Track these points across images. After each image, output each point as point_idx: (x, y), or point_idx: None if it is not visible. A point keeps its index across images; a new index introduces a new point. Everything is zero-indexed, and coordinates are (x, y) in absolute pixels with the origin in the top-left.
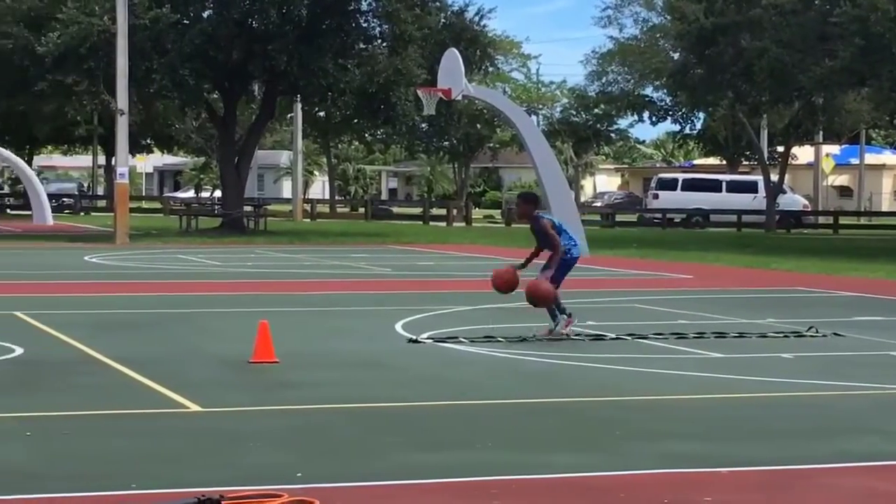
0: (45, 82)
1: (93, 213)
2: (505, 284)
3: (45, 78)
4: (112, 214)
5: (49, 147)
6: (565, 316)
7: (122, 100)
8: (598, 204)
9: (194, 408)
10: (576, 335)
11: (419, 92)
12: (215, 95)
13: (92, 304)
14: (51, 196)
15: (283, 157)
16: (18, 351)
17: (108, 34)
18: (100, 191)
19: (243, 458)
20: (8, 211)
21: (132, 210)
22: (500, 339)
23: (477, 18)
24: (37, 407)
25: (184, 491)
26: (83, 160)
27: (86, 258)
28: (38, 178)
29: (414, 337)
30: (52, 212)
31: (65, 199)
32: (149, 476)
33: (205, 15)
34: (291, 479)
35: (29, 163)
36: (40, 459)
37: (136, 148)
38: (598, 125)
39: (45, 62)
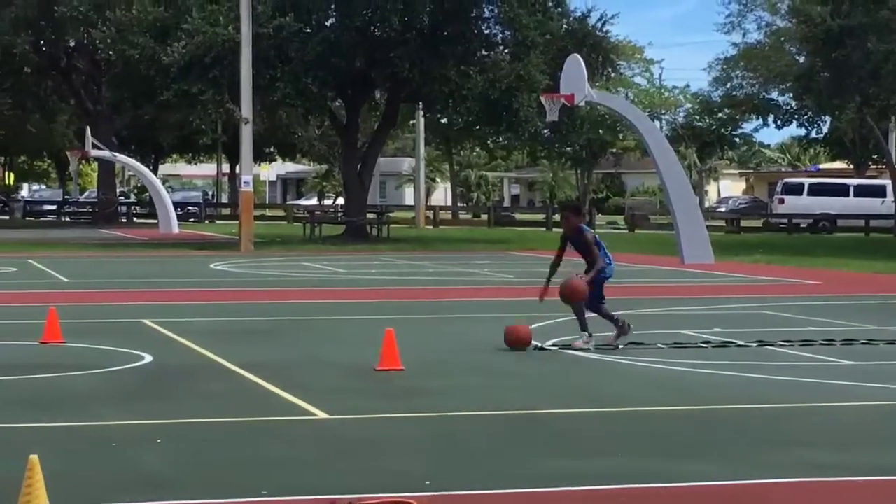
0: (171, 92)
1: (217, 222)
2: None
3: (171, 87)
4: (237, 222)
5: (174, 156)
6: (587, 334)
7: (246, 108)
8: (723, 209)
9: (322, 415)
10: (703, 342)
11: (542, 98)
12: (338, 103)
13: (218, 311)
14: (176, 204)
15: (406, 163)
16: (147, 358)
17: (232, 43)
18: (224, 199)
19: (371, 465)
20: (134, 219)
21: (256, 218)
22: (621, 346)
23: (599, 24)
24: (167, 414)
25: (314, 498)
26: (207, 168)
27: (212, 266)
28: (164, 187)
29: (539, 344)
30: (178, 220)
31: (190, 208)
32: (279, 483)
33: (327, 23)
34: (420, 487)
35: (154, 171)
36: (171, 466)
37: (259, 156)
38: (723, 129)
39: (170, 72)
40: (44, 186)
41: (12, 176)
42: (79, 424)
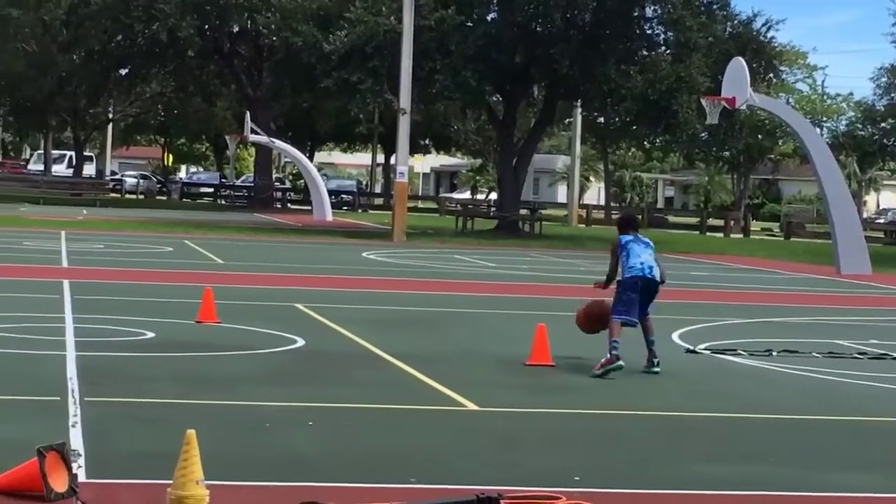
0: (331, 80)
1: (370, 211)
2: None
3: (331, 76)
4: (389, 213)
5: (330, 144)
6: (608, 354)
7: (404, 99)
8: (882, 221)
9: (471, 406)
10: (859, 353)
11: (703, 100)
12: (496, 98)
13: (370, 299)
14: (330, 192)
15: (560, 161)
16: (300, 342)
17: (393, 34)
18: (377, 189)
19: (520, 459)
20: (289, 205)
21: (409, 209)
22: (775, 353)
23: (764, 29)
24: (319, 398)
25: (462, 488)
26: (362, 158)
27: (363, 254)
28: (319, 175)
29: (691, 347)
30: (331, 208)
31: (343, 196)
32: (428, 471)
33: (489, 18)
34: (569, 483)
35: (310, 159)
36: (323, 449)
37: (414, 148)
38: (885, 140)
39: (331, 60)
40: (201, 169)
41: (171, 157)
42: (234, 403)
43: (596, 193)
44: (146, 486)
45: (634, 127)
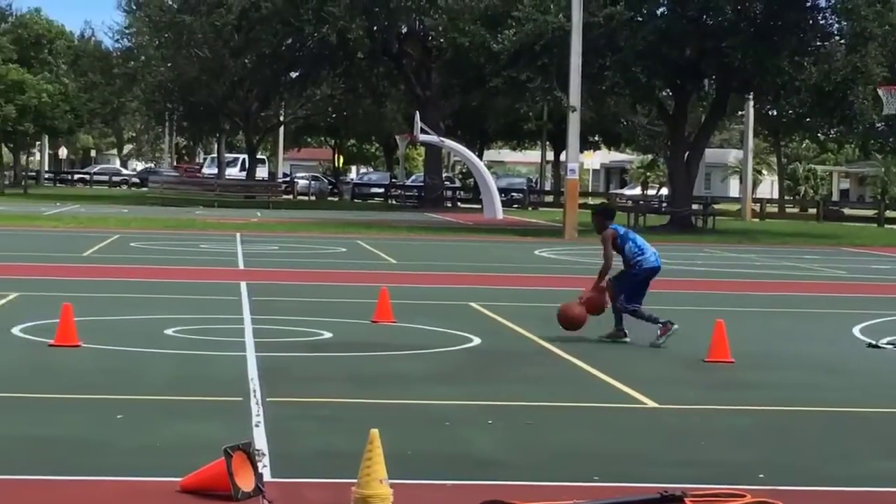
0: (500, 79)
1: (540, 209)
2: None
3: (500, 74)
4: (560, 210)
5: (499, 142)
6: (661, 324)
7: (574, 96)
8: None
9: (651, 403)
10: None
11: (880, 90)
12: (666, 93)
13: (544, 297)
14: (500, 190)
15: (731, 155)
16: (476, 341)
17: (562, 31)
18: (547, 186)
19: (701, 456)
20: (459, 204)
21: (580, 206)
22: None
23: None
24: (496, 396)
25: (646, 486)
26: (531, 155)
27: (535, 252)
28: (489, 173)
29: (874, 342)
30: (503, 206)
31: (513, 194)
32: (609, 469)
33: (658, 12)
34: (753, 480)
35: (479, 157)
36: (503, 447)
37: (584, 144)
38: None
39: (500, 59)
40: (371, 169)
41: (342, 159)
42: (412, 402)
43: (769, 187)
44: (330, 485)
45: (808, 119)
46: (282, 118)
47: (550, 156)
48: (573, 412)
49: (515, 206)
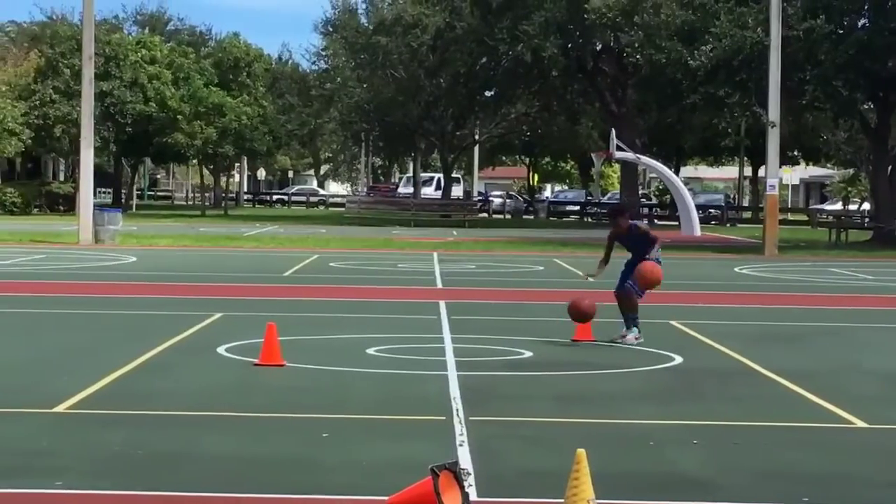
0: (697, 95)
1: (738, 225)
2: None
3: (697, 90)
4: (759, 226)
5: (695, 158)
6: (636, 329)
7: (773, 112)
8: None
9: (860, 424)
10: None
11: None
12: (867, 105)
13: (745, 315)
14: (698, 207)
15: None
16: (678, 360)
17: (760, 46)
18: (745, 202)
19: None
20: (655, 221)
21: (779, 222)
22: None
23: None
24: (701, 415)
25: None
26: (728, 171)
27: (735, 269)
28: (686, 189)
29: None
30: (700, 222)
31: (711, 210)
32: (819, 491)
33: (860, 24)
34: None
35: (676, 174)
36: (710, 467)
37: (783, 159)
38: None
39: (697, 75)
40: (566, 187)
41: (536, 177)
42: (615, 422)
43: None
44: None
45: None
46: (477, 137)
47: (748, 171)
48: (779, 432)
49: (713, 222)
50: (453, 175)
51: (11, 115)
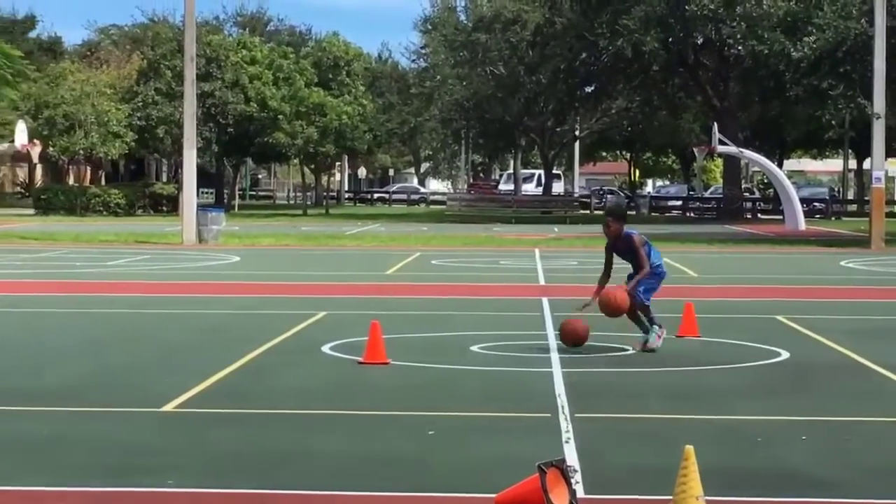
0: (800, 87)
1: (843, 218)
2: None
3: (800, 82)
4: (864, 219)
5: (798, 151)
6: (657, 327)
7: (878, 103)
8: None
9: None
10: None
11: None
12: None
13: (852, 309)
14: (802, 200)
15: None
16: (784, 355)
17: (864, 37)
18: (850, 195)
19: None
20: (759, 215)
21: (887, 215)
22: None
23: None
24: (809, 411)
25: None
26: (832, 164)
27: (841, 263)
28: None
29: None
30: (804, 216)
31: (815, 204)
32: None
33: None
34: None
35: (779, 167)
36: (819, 464)
37: (889, 152)
38: None
39: (800, 67)
40: (668, 182)
41: (637, 172)
42: (723, 418)
43: None
44: (644, 503)
45: None
46: (577, 133)
47: (853, 164)
48: (891, 428)
49: (818, 216)
50: (554, 171)
51: (116, 117)
